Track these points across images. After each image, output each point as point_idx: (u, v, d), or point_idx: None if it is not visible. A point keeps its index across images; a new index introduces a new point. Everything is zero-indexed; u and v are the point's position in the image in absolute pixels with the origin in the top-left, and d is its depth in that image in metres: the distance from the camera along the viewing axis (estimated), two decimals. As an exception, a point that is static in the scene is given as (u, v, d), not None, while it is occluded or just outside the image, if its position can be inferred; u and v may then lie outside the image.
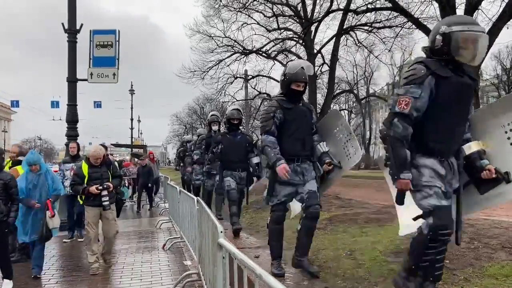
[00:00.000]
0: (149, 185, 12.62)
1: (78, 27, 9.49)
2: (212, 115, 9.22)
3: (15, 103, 30.21)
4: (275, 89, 32.65)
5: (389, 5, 17.87)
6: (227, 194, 6.75)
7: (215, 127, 8.71)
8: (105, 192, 5.31)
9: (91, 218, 5.39)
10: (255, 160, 6.72)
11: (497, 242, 4.10)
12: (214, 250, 3.11)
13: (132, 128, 37.92)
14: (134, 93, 35.93)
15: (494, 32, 14.50)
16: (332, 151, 4.28)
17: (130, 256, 6.20)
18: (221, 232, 2.84)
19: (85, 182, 5.35)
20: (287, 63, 5.90)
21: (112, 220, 5.53)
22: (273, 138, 4.11)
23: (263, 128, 4.21)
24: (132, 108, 36.45)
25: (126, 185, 13.65)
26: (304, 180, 4.18)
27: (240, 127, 7.28)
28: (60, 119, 33.23)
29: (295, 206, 4.70)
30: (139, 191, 12.59)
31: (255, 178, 7.29)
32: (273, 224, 4.33)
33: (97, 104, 24.58)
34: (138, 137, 49.06)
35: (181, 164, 13.80)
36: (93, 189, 5.25)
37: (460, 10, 15.45)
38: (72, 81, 9.53)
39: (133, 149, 33.65)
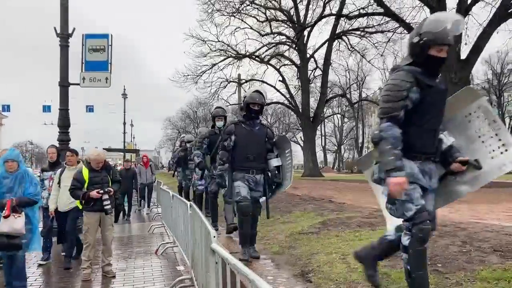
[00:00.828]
0: (135, 190, 12.40)
1: (70, 31, 9.47)
2: (217, 107, 7.67)
3: (6, 108, 29.94)
4: (268, 94, 32.61)
5: (381, 10, 18.07)
6: (236, 205, 5.21)
7: (219, 123, 7.24)
8: (106, 196, 5.25)
9: (92, 224, 5.32)
10: (275, 162, 5.30)
11: (488, 246, 4.13)
12: (206, 255, 3.10)
13: (124, 133, 37.77)
14: (126, 97, 35.81)
15: (484, 37, 14.71)
16: (463, 145, 3.12)
17: (122, 262, 6.15)
18: (214, 237, 2.83)
19: (85, 186, 5.31)
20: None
21: (110, 225, 5.49)
22: (398, 130, 2.87)
23: (387, 110, 2.92)
24: (124, 112, 36.32)
25: None
26: (431, 184, 3.07)
27: (261, 117, 5.65)
28: (51, 124, 32.94)
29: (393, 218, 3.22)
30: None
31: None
32: (419, 244, 2.87)
33: (90, 109, 24.52)
34: (131, 141, 48.81)
35: (177, 169, 12.11)
36: (94, 193, 5.19)
37: (451, 16, 15.61)
38: (64, 85, 9.49)
39: (125, 153, 33.48)
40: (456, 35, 3.00)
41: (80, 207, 5.52)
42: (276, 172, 5.31)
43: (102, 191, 5.21)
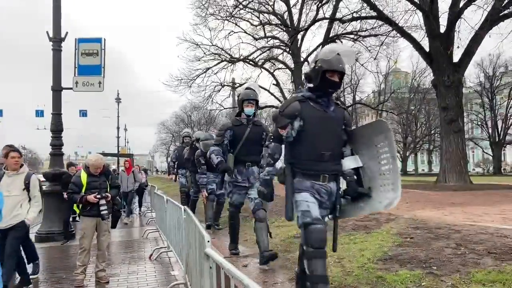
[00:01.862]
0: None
1: (63, 36, 9.42)
2: (247, 88, 5.79)
3: (-1, 112, 29.72)
4: (262, 97, 32.65)
5: (374, 14, 18.16)
6: (305, 232, 3.51)
7: (249, 109, 5.48)
8: (103, 201, 5.20)
9: (88, 229, 5.26)
10: (352, 163, 3.52)
11: (483, 248, 4.14)
12: (201, 260, 3.07)
13: (118, 137, 37.65)
14: (120, 102, 35.71)
15: (476, 40, 14.83)
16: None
17: (116, 267, 6.10)
18: (208, 241, 2.80)
19: (83, 191, 5.25)
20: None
21: (106, 231, 5.44)
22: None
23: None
24: (118, 116, 36.22)
25: None
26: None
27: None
28: (44, 128, 32.77)
29: None
30: None
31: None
32: None
33: (83, 113, 24.44)
34: (125, 146, 48.63)
35: (178, 172, 10.64)
36: (91, 197, 5.14)
37: (443, 19, 15.76)
38: (57, 89, 9.42)
39: (119, 158, 33.34)
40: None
41: (78, 211, 5.47)
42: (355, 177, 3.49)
43: (99, 196, 5.17)
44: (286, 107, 3.34)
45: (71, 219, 8.50)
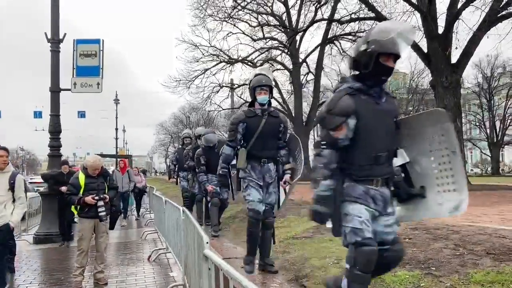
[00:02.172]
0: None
1: (61, 37, 9.41)
2: (258, 74, 4.95)
3: (-3, 114, 29.63)
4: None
5: (372, 15, 18.18)
6: (354, 252, 2.87)
7: (262, 97, 4.72)
8: (101, 203, 5.19)
9: (86, 230, 5.24)
10: (399, 159, 2.97)
11: (482, 249, 4.14)
12: (199, 261, 3.06)
13: (117, 138, 37.63)
14: (119, 103, 35.67)
15: (474, 41, 14.84)
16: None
17: (114, 269, 6.08)
18: (207, 242, 2.80)
19: (81, 192, 5.24)
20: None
21: (104, 232, 5.43)
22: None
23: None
24: (117, 117, 36.17)
25: None
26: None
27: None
28: (43, 130, 32.68)
29: None
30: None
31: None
32: None
33: (81, 114, 24.41)
34: (123, 147, 48.57)
35: (179, 174, 9.99)
36: (89, 199, 5.12)
37: (441, 20, 15.78)
38: (55, 91, 9.41)
39: (118, 159, 33.29)
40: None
41: (75, 212, 5.46)
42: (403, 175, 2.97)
43: (97, 197, 5.16)
44: (336, 103, 2.75)
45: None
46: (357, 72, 2.81)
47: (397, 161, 2.88)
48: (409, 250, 4.43)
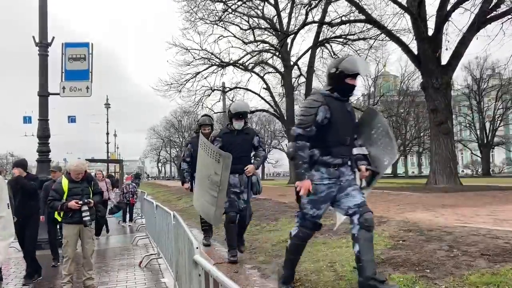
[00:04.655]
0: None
1: (49, 40, 9.29)
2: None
3: (-14, 119, 29.30)
4: (252, 101, 32.60)
5: (363, 17, 18.25)
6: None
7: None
8: (85, 207, 5.07)
9: (71, 237, 5.13)
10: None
11: (476, 250, 4.10)
12: (190, 267, 3.00)
13: (108, 143, 37.34)
14: (109, 107, 35.45)
15: (464, 42, 14.95)
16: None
17: (104, 275, 5.98)
18: (197, 248, 2.73)
19: (64, 198, 5.12)
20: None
21: (90, 238, 5.31)
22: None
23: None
24: (107, 122, 35.95)
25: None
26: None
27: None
28: (32, 135, 32.31)
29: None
30: None
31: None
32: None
33: (71, 119, 24.15)
34: (115, 151, 48.21)
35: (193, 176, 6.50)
36: (72, 203, 5.01)
37: (431, 22, 15.88)
38: (43, 95, 9.28)
39: (109, 164, 33.05)
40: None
41: (59, 219, 5.33)
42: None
43: (81, 202, 5.05)
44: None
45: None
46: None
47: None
48: (403, 252, 4.38)
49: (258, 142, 5.67)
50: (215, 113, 29.28)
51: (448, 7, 15.36)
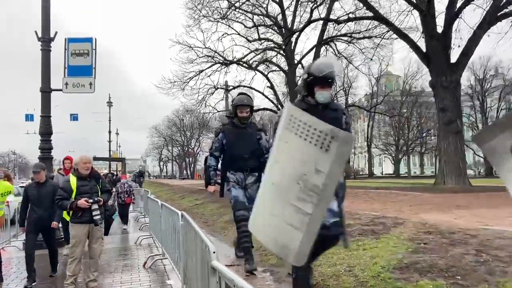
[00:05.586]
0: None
1: (52, 35, 9.05)
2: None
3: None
4: (257, 100, 32.36)
5: (370, 14, 17.96)
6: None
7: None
8: (95, 206, 4.84)
9: (80, 237, 4.89)
10: None
11: (506, 255, 3.84)
12: (204, 272, 2.75)
13: (110, 141, 37.13)
14: (112, 105, 35.23)
15: (474, 40, 14.67)
16: None
17: (108, 276, 5.73)
18: (214, 252, 2.48)
19: (73, 196, 4.88)
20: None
21: (99, 238, 5.08)
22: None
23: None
24: (110, 120, 35.73)
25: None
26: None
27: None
28: (34, 133, 32.11)
29: None
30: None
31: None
32: None
33: (74, 117, 23.97)
34: (117, 150, 48.02)
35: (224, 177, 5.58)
36: (82, 202, 4.77)
37: (440, 19, 15.60)
38: (46, 91, 9.04)
39: (111, 162, 32.86)
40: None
41: (68, 218, 5.08)
42: None
43: (91, 200, 4.81)
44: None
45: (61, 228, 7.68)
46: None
47: None
48: (427, 256, 4.12)
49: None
50: (218, 111, 29.01)
51: (458, 4, 15.08)
